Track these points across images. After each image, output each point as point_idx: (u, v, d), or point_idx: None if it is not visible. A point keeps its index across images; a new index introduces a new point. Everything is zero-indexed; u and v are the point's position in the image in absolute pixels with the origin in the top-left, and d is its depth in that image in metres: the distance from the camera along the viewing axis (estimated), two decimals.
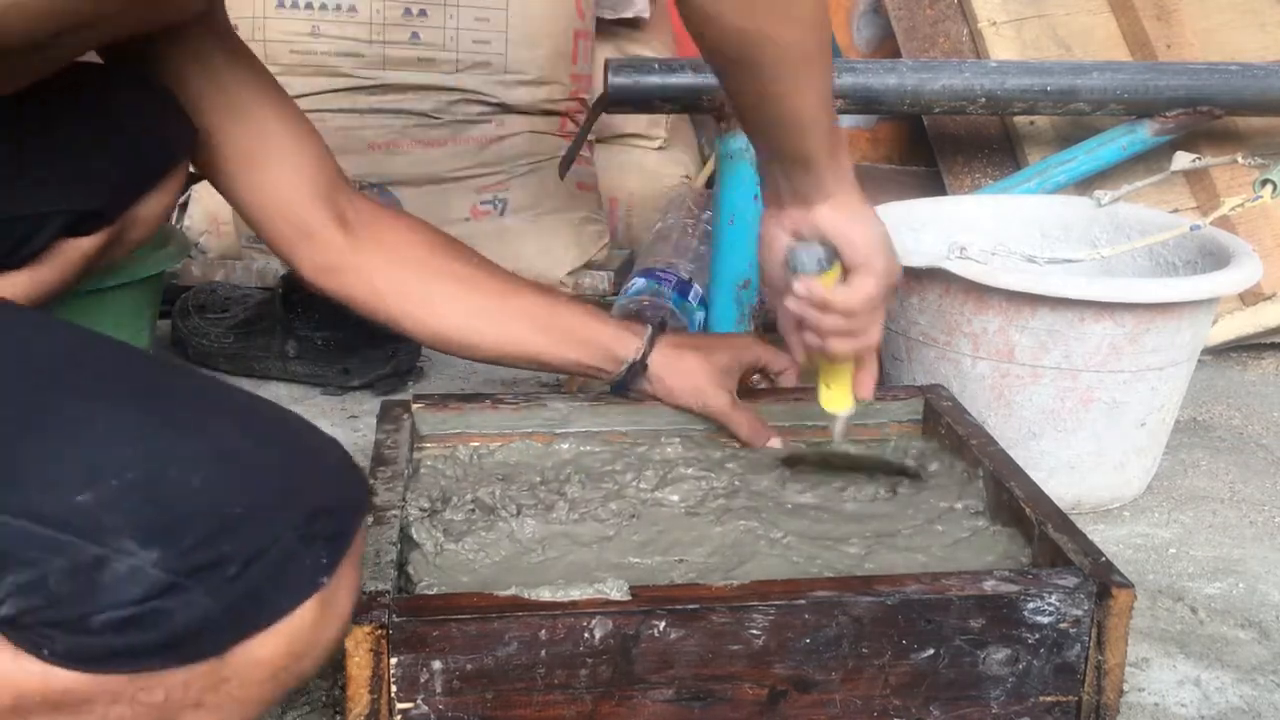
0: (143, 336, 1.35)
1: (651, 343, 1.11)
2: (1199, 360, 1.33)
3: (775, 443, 1.12)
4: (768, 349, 1.15)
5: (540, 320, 1.08)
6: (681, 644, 0.81)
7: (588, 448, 1.13)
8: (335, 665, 0.92)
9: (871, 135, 2.01)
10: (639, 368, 1.11)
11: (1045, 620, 0.84)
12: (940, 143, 1.82)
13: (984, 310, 1.20)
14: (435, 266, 1.07)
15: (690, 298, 1.64)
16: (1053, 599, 0.84)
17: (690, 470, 1.09)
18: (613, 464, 1.10)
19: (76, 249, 0.96)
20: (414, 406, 1.12)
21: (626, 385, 1.12)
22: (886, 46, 1.94)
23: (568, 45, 1.83)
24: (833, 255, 0.95)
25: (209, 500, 0.59)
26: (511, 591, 0.81)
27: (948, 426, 1.13)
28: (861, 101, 1.62)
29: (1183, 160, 1.46)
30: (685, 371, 1.12)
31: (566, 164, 1.66)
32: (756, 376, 1.18)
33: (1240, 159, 1.43)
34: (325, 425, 1.45)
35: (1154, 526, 1.26)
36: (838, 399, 1.03)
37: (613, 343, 1.10)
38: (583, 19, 1.86)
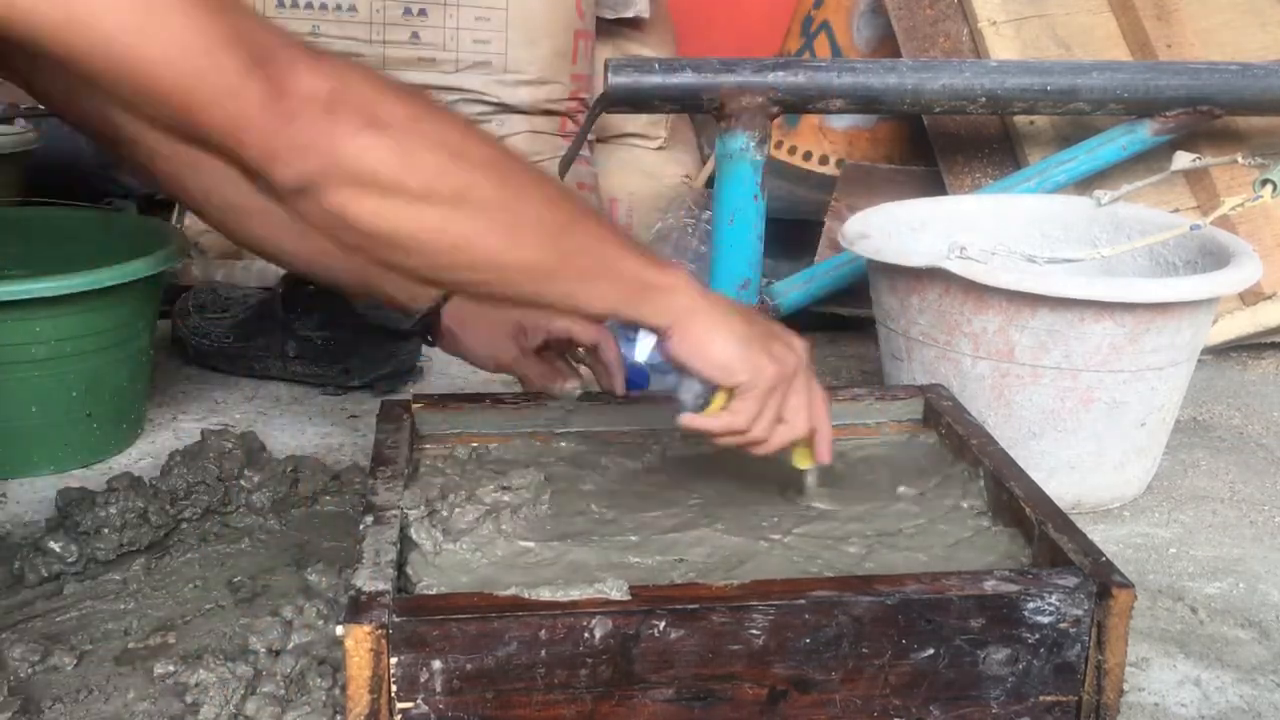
0: (143, 336, 1.35)
1: (446, 296, 1.15)
2: (1199, 360, 1.33)
3: (572, 385, 1.13)
4: (576, 320, 1.13)
5: None
6: (681, 644, 0.81)
7: (587, 448, 1.13)
8: (335, 665, 0.92)
9: (871, 135, 2.01)
10: (434, 314, 1.15)
11: (1045, 620, 0.84)
12: (940, 142, 1.82)
13: (984, 310, 1.20)
14: None
15: None
16: (1053, 599, 0.84)
17: (688, 470, 1.09)
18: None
19: None
20: (414, 406, 1.12)
21: (428, 333, 1.17)
22: (886, 46, 1.93)
23: (568, 45, 1.83)
24: (711, 385, 0.93)
25: None
26: (511, 591, 0.81)
27: (948, 426, 1.13)
28: (861, 101, 1.62)
29: (1183, 160, 1.46)
30: (478, 327, 1.15)
31: (566, 164, 1.66)
32: (581, 351, 1.17)
33: (1240, 159, 1.43)
34: (325, 425, 1.45)
35: (1154, 526, 1.26)
36: (801, 457, 1.02)
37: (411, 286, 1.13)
38: (583, 19, 1.86)
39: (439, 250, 0.79)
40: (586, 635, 0.80)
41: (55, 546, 1.09)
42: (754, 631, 0.81)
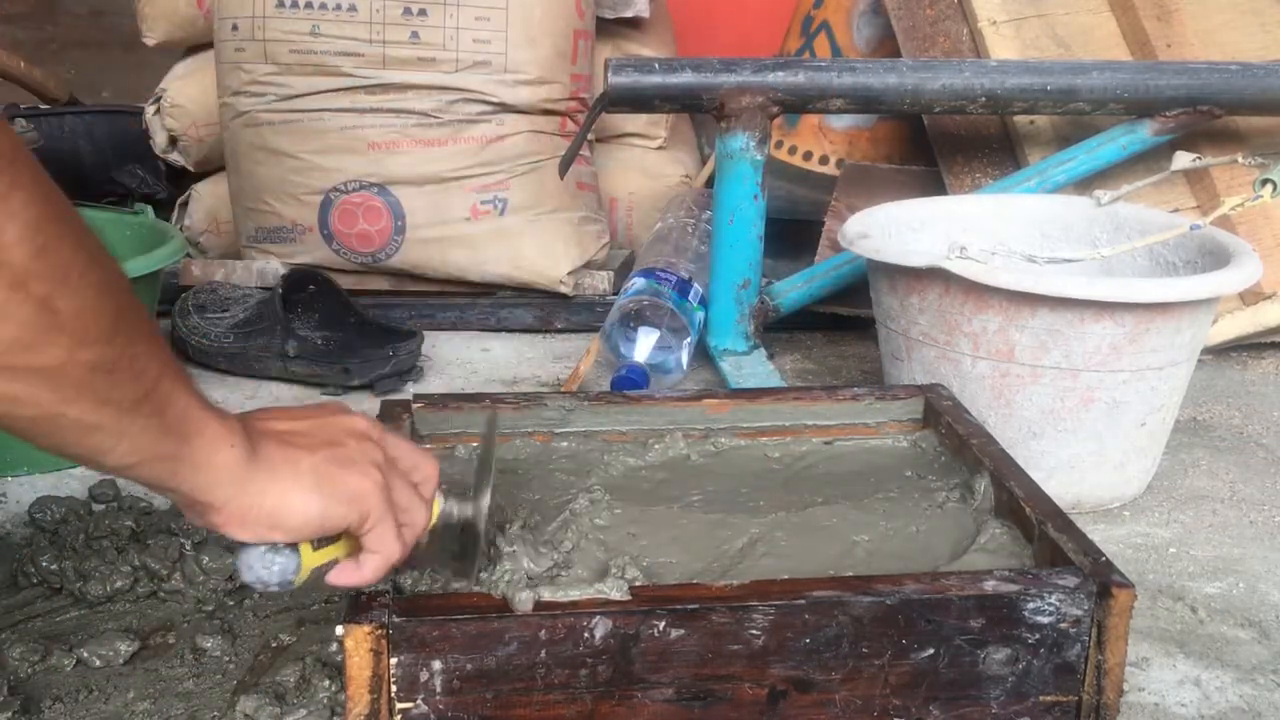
0: None
1: None
2: (1199, 360, 1.33)
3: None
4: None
5: None
6: (681, 644, 0.81)
7: (587, 447, 1.13)
8: (337, 666, 0.92)
9: (871, 135, 2.01)
10: None
11: (1045, 620, 0.84)
12: (940, 142, 1.82)
13: (984, 310, 1.20)
14: None
15: (690, 298, 1.64)
16: (1053, 599, 0.84)
17: (689, 469, 1.08)
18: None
19: None
20: (414, 406, 1.12)
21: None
22: (886, 46, 1.93)
23: (568, 45, 1.83)
24: (283, 549, 0.74)
25: None
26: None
27: (948, 426, 1.13)
28: (861, 101, 1.62)
29: (1183, 160, 1.46)
30: None
31: (566, 164, 1.66)
32: None
33: (1240, 159, 1.43)
34: None
35: (1154, 526, 1.26)
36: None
37: None
38: (583, 19, 1.86)
39: None
40: (586, 635, 0.80)
41: (52, 567, 1.08)
42: (754, 631, 0.81)
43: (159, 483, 0.67)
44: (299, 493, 0.71)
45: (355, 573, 0.76)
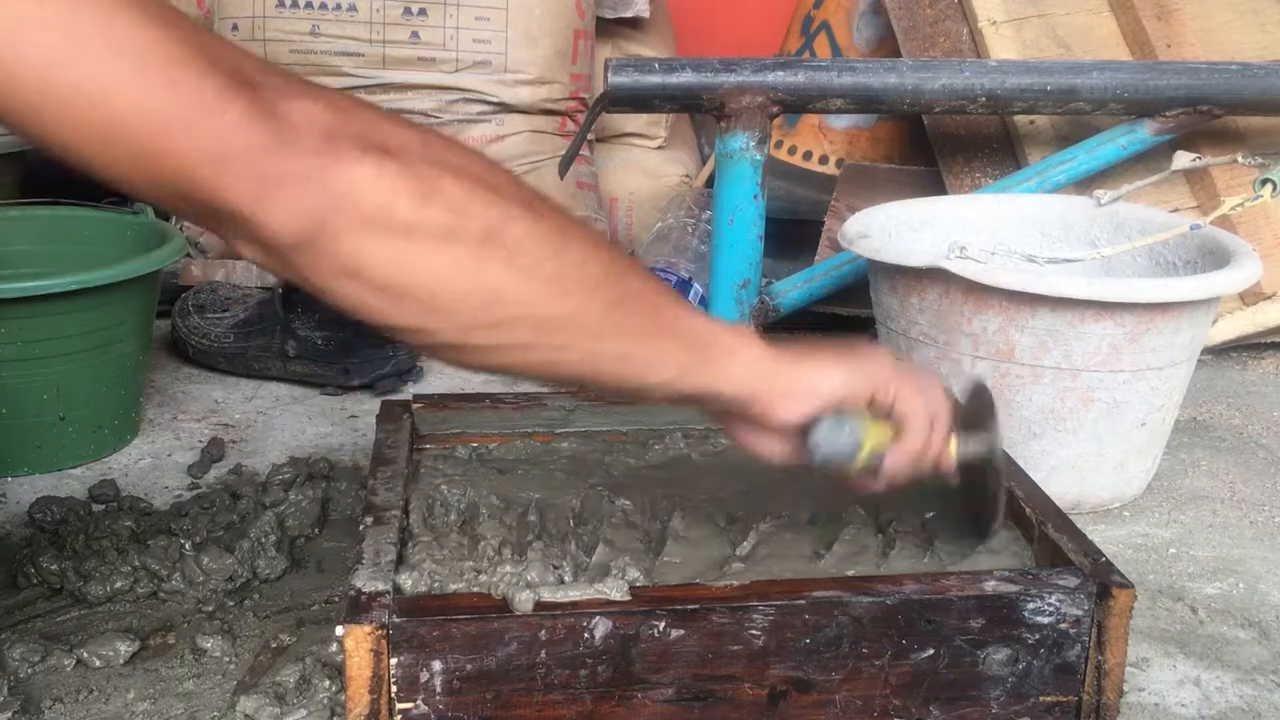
0: (125, 341, 1.33)
1: None
2: (1199, 360, 1.33)
3: None
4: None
5: None
6: (681, 644, 0.81)
7: (588, 447, 1.13)
8: (337, 666, 0.92)
9: (871, 135, 2.01)
10: None
11: (1045, 620, 0.84)
12: (940, 142, 1.82)
13: (984, 310, 1.20)
14: None
15: (690, 298, 1.64)
16: (1053, 599, 0.84)
17: (690, 469, 1.08)
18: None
19: None
20: (414, 406, 1.12)
21: None
22: (886, 46, 1.93)
23: (568, 45, 1.83)
24: (847, 418, 0.84)
25: None
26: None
27: None
28: (861, 101, 1.62)
29: (1183, 160, 1.46)
30: None
31: (566, 163, 1.66)
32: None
33: (1240, 159, 1.43)
34: (325, 425, 1.45)
35: (1154, 526, 1.26)
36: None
37: None
38: (583, 19, 1.86)
39: (467, 304, 0.67)
40: (586, 635, 0.80)
41: (52, 568, 1.08)
42: (754, 631, 0.81)
43: (698, 391, 0.78)
44: (822, 368, 0.82)
45: (901, 451, 0.85)
